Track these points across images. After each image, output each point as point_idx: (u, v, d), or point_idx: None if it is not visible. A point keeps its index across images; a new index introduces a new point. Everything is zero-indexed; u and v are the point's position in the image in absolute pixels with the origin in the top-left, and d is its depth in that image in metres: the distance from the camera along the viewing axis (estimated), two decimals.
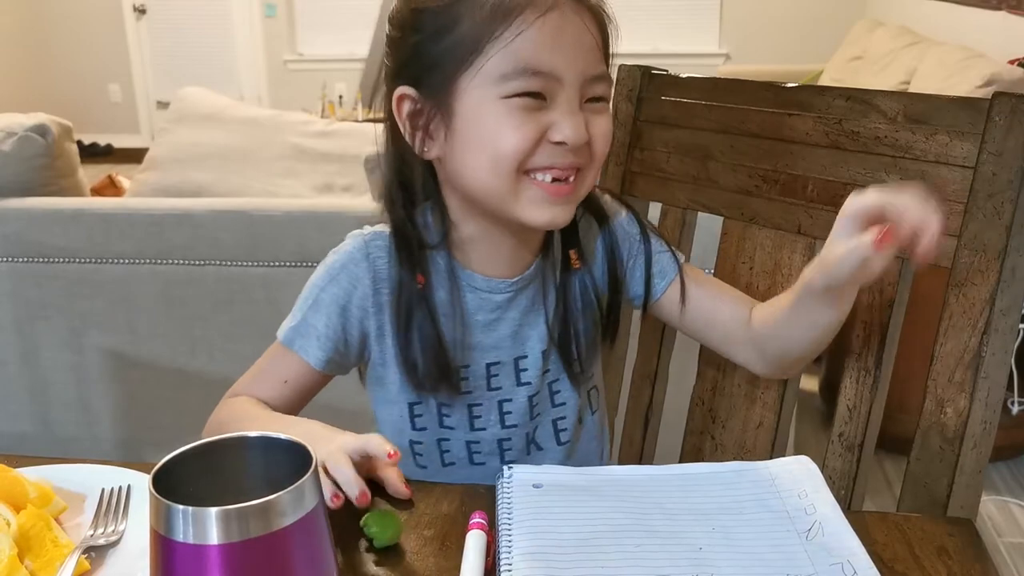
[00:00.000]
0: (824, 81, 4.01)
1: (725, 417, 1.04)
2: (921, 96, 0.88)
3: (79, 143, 2.29)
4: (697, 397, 1.07)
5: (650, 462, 1.12)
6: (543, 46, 0.76)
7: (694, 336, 0.98)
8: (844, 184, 0.92)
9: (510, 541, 0.68)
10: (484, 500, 0.77)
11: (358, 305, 0.87)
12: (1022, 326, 1.08)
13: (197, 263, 1.77)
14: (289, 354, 0.88)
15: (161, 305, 1.81)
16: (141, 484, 0.79)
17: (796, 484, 0.76)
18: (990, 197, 0.82)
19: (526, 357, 0.91)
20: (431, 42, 0.79)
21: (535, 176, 0.79)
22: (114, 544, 0.73)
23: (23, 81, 5.94)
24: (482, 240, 0.87)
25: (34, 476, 0.78)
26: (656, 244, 0.95)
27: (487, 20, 0.76)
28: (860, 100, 0.92)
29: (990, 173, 0.82)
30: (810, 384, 2.51)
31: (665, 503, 0.74)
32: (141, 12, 6.01)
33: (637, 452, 1.12)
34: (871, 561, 0.66)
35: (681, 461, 1.08)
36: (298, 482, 0.49)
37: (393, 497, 0.78)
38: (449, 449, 0.92)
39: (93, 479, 0.80)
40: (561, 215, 0.82)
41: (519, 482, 0.76)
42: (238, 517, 0.48)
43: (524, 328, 0.91)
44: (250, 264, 1.75)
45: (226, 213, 1.76)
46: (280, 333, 0.89)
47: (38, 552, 0.70)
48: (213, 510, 0.47)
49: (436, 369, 0.87)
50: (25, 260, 1.81)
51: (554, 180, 0.80)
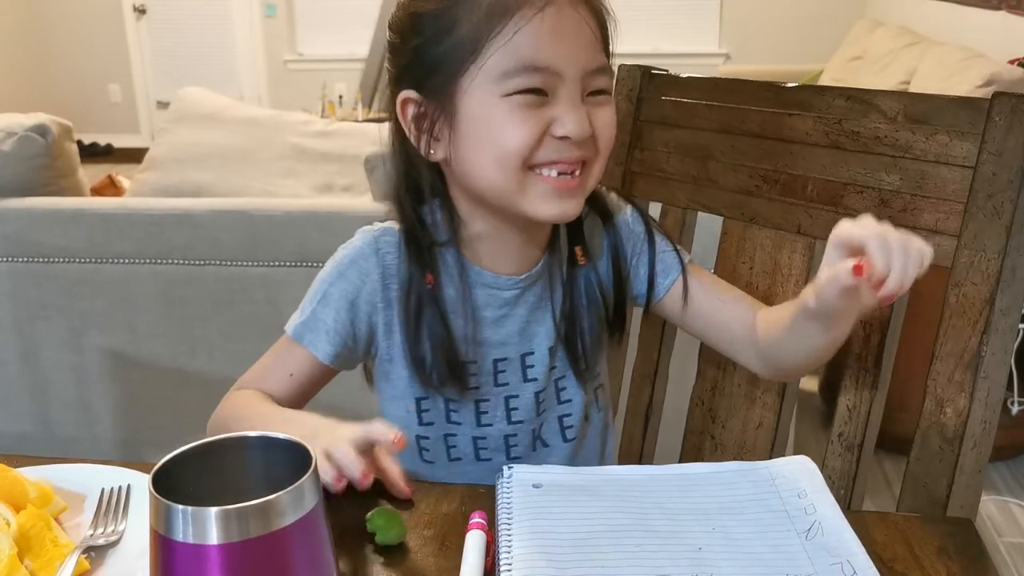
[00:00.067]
0: (824, 81, 4.01)
1: (725, 417, 1.04)
2: (921, 96, 0.88)
3: (79, 143, 2.29)
4: (697, 397, 1.07)
5: (650, 462, 1.12)
6: (542, 42, 0.76)
7: (696, 336, 0.98)
8: (844, 184, 0.92)
9: (510, 541, 0.68)
10: (484, 500, 0.77)
11: (366, 300, 0.87)
12: (1022, 326, 1.08)
13: (197, 263, 1.77)
14: (297, 348, 0.88)
15: (161, 305, 1.81)
16: (141, 484, 0.79)
17: (796, 484, 0.76)
18: (990, 197, 0.82)
19: (533, 354, 0.92)
20: (431, 45, 0.79)
21: (541, 171, 0.80)
22: (114, 544, 0.73)
23: (23, 81, 5.94)
24: (490, 237, 0.88)
25: (34, 476, 0.78)
26: (661, 242, 0.95)
27: (485, 19, 0.77)
28: (860, 100, 0.92)
29: (990, 173, 0.82)
30: (810, 384, 2.50)
31: (665, 503, 0.74)
32: (141, 12, 6.01)
33: (637, 452, 1.12)
34: (871, 561, 0.66)
35: (681, 461, 1.08)
36: (298, 482, 0.49)
37: (396, 498, 0.78)
38: (456, 445, 0.93)
39: (93, 479, 0.80)
40: (570, 208, 0.82)
41: (519, 482, 0.76)
42: (238, 517, 0.48)
43: (531, 325, 0.91)
44: (250, 264, 1.75)
45: (226, 213, 1.75)
46: (288, 327, 0.89)
47: (38, 552, 0.70)
48: (213, 510, 0.47)
49: (445, 365, 0.87)
50: (25, 260, 1.81)
51: (560, 174, 0.80)
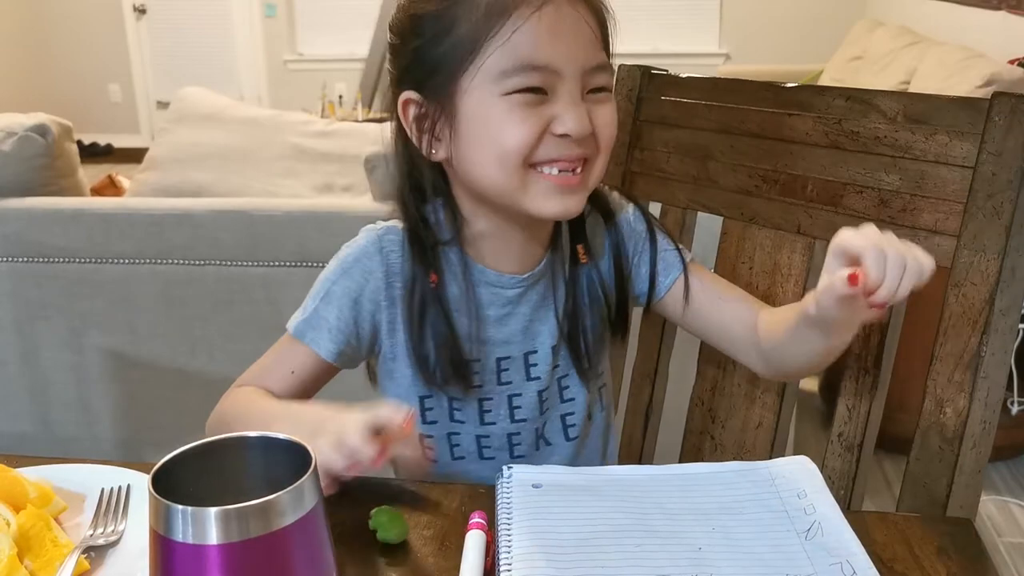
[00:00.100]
0: (824, 81, 4.01)
1: (725, 417, 1.04)
2: (921, 96, 0.88)
3: (79, 143, 2.29)
4: (697, 397, 1.07)
5: (650, 462, 1.12)
6: (540, 41, 0.77)
7: (697, 335, 0.98)
8: (844, 184, 0.92)
9: (510, 541, 0.68)
10: (484, 500, 0.77)
11: (370, 298, 0.88)
12: (1022, 326, 1.08)
13: (197, 263, 1.77)
14: (299, 346, 0.88)
15: (161, 305, 1.81)
16: (141, 484, 0.79)
17: (796, 484, 0.76)
18: (990, 197, 0.82)
19: (536, 352, 0.92)
20: (431, 46, 0.80)
21: (542, 169, 0.80)
22: (114, 544, 0.73)
23: (23, 81, 5.94)
24: (493, 236, 0.88)
25: (34, 476, 0.78)
26: (662, 241, 0.95)
27: (483, 20, 0.77)
28: (860, 100, 0.92)
29: (990, 173, 0.82)
30: (810, 384, 2.50)
31: (665, 503, 0.74)
32: (141, 12, 6.00)
33: (637, 452, 1.12)
34: (870, 561, 0.66)
35: (681, 461, 1.08)
36: (298, 482, 0.49)
37: (396, 498, 0.78)
38: (459, 443, 0.93)
39: (93, 479, 0.80)
40: (572, 205, 0.82)
41: (519, 482, 0.76)
42: (238, 517, 0.48)
43: (535, 323, 0.91)
44: (250, 264, 1.75)
45: (226, 213, 1.75)
46: (290, 325, 0.89)
47: (38, 552, 0.70)
48: (213, 510, 0.47)
49: (448, 364, 0.87)
50: (25, 260, 1.81)
51: (561, 172, 0.80)
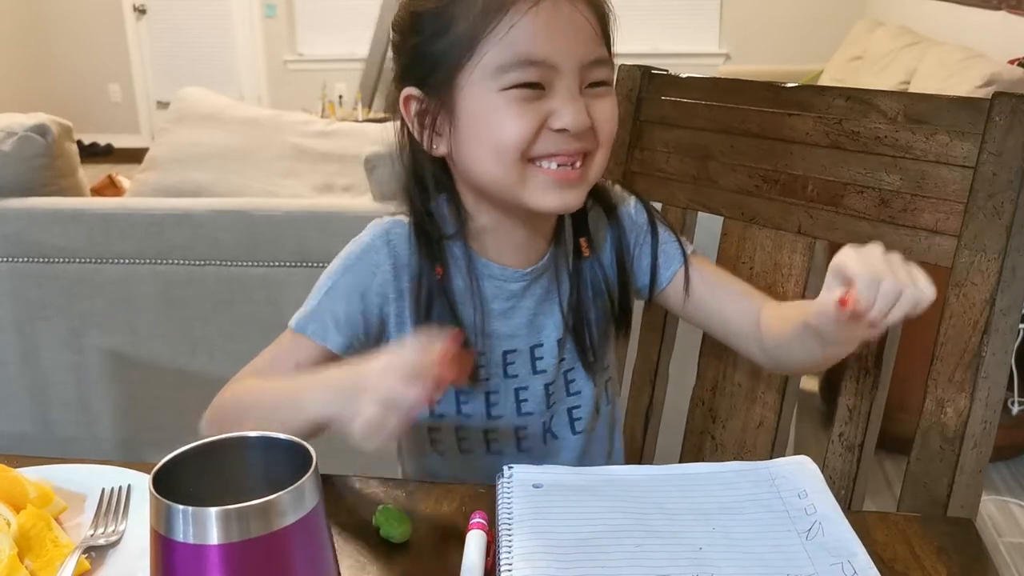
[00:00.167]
0: (824, 81, 4.01)
1: (725, 417, 1.04)
2: (921, 96, 0.88)
3: (79, 143, 2.29)
4: (697, 397, 1.07)
5: (650, 462, 1.12)
6: (537, 36, 0.77)
7: (699, 327, 0.98)
8: (844, 184, 0.92)
9: (510, 541, 0.68)
10: (484, 500, 0.77)
11: (377, 292, 0.88)
12: (1022, 326, 1.08)
13: (197, 263, 1.76)
14: (303, 339, 0.87)
15: (161, 305, 1.81)
16: (141, 484, 0.79)
17: (796, 484, 0.76)
18: (990, 197, 0.82)
19: (542, 345, 0.92)
20: (430, 43, 0.81)
21: (541, 164, 0.81)
22: (114, 544, 0.73)
23: (23, 81, 5.94)
24: (496, 230, 0.88)
25: (34, 476, 0.78)
26: (663, 233, 0.96)
27: (481, 16, 0.77)
28: (860, 100, 0.92)
29: (990, 173, 0.82)
30: (810, 384, 2.50)
31: (665, 503, 0.74)
32: (141, 12, 6.00)
33: (637, 452, 1.12)
34: (871, 561, 0.66)
35: (681, 461, 1.08)
36: (298, 482, 0.49)
37: (398, 499, 0.78)
38: (466, 437, 0.93)
39: (93, 479, 0.80)
40: (571, 199, 0.83)
41: (519, 482, 0.76)
42: (238, 517, 0.48)
43: (539, 317, 0.92)
44: (250, 264, 1.75)
45: (226, 213, 1.75)
46: (292, 321, 0.88)
47: (38, 552, 0.70)
48: (213, 510, 0.47)
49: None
50: (25, 260, 1.81)
51: (560, 166, 0.81)
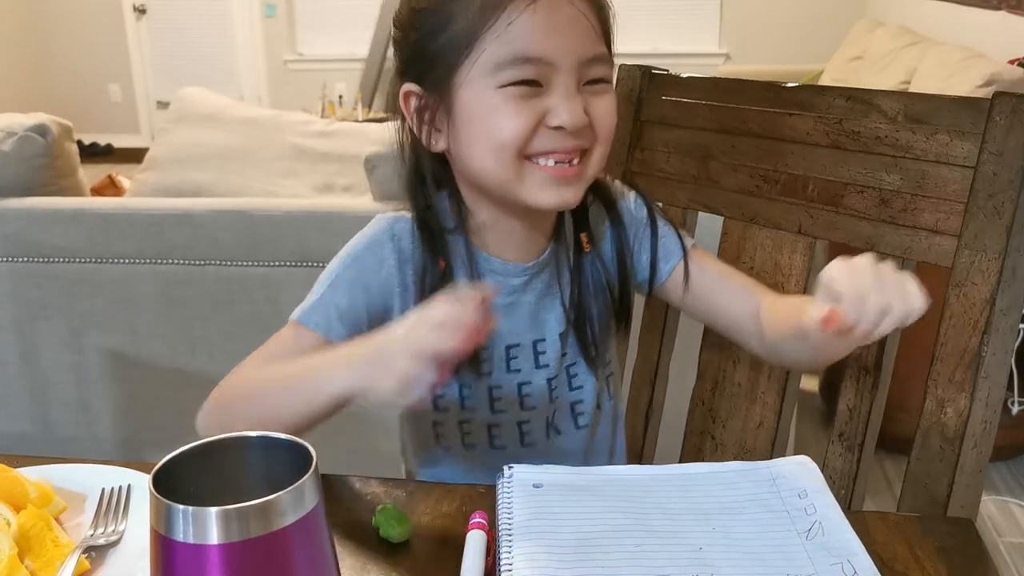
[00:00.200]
0: (824, 81, 4.01)
1: (725, 417, 1.04)
2: (921, 96, 0.88)
3: (79, 143, 2.29)
4: (697, 397, 1.07)
5: (650, 462, 1.12)
6: (534, 33, 0.77)
7: (699, 320, 0.99)
8: (844, 184, 0.92)
9: (510, 541, 0.68)
10: (484, 500, 0.77)
11: (383, 285, 0.87)
12: (1022, 326, 1.08)
13: (197, 263, 1.76)
14: (304, 332, 0.85)
15: (161, 305, 1.81)
16: (141, 484, 0.79)
17: (796, 484, 0.76)
18: (990, 197, 0.82)
19: (544, 340, 0.92)
20: (430, 39, 0.81)
21: (538, 161, 0.81)
22: (114, 544, 0.73)
23: (23, 81, 5.94)
24: (496, 225, 0.89)
25: (34, 476, 0.78)
26: (663, 227, 0.96)
27: (479, 13, 0.78)
28: (860, 100, 0.92)
29: (990, 173, 0.82)
30: (810, 384, 2.50)
31: (665, 503, 0.74)
32: (141, 12, 6.00)
33: (637, 452, 1.12)
34: (871, 561, 0.66)
35: (681, 461, 1.08)
36: (298, 482, 0.49)
37: (399, 499, 0.78)
38: (470, 431, 0.93)
39: (93, 479, 0.80)
40: (569, 196, 0.83)
41: (519, 482, 0.76)
42: (238, 517, 0.48)
43: (541, 312, 0.92)
44: (250, 264, 1.75)
45: (226, 213, 1.75)
46: (294, 314, 0.87)
47: (38, 552, 0.70)
48: (213, 510, 0.47)
49: None
50: (25, 260, 1.81)
51: (557, 163, 0.81)
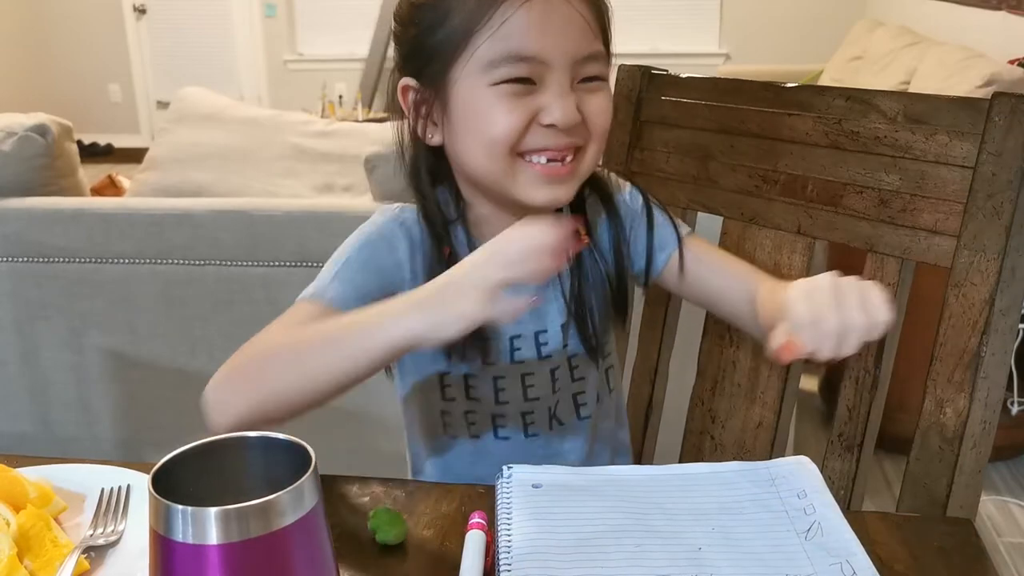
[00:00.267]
0: (824, 81, 4.01)
1: (725, 417, 1.04)
2: (921, 96, 0.88)
3: (79, 143, 2.29)
4: (697, 397, 1.07)
5: (650, 462, 1.12)
6: (529, 31, 0.78)
7: (698, 305, 0.99)
8: (844, 184, 0.92)
9: (509, 541, 0.68)
10: (484, 500, 0.77)
11: (395, 267, 0.87)
12: (1022, 326, 1.08)
13: (197, 263, 1.76)
14: (318, 308, 0.83)
15: (161, 305, 1.81)
16: (141, 484, 0.79)
17: (795, 484, 0.76)
18: (990, 197, 0.82)
19: (546, 331, 0.93)
20: (427, 35, 0.82)
21: (530, 158, 0.81)
22: (114, 544, 0.73)
23: (23, 81, 5.94)
24: (493, 219, 0.89)
25: (34, 476, 0.78)
26: (658, 216, 0.96)
27: (475, 10, 0.78)
28: (860, 100, 0.92)
29: (990, 173, 0.82)
30: (810, 384, 2.50)
31: (665, 503, 0.74)
32: (141, 12, 6.00)
33: (637, 452, 1.12)
34: (870, 561, 0.66)
35: (681, 461, 1.08)
36: (298, 482, 0.49)
37: (398, 499, 0.78)
38: (475, 422, 0.94)
39: (93, 479, 0.80)
40: (561, 194, 0.83)
41: (519, 482, 0.76)
42: (238, 517, 0.48)
43: (542, 303, 0.92)
44: (250, 264, 1.75)
45: (226, 213, 1.75)
46: (307, 292, 0.85)
47: (38, 552, 0.70)
48: (213, 510, 0.47)
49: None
50: (25, 260, 1.81)
51: (550, 161, 0.81)
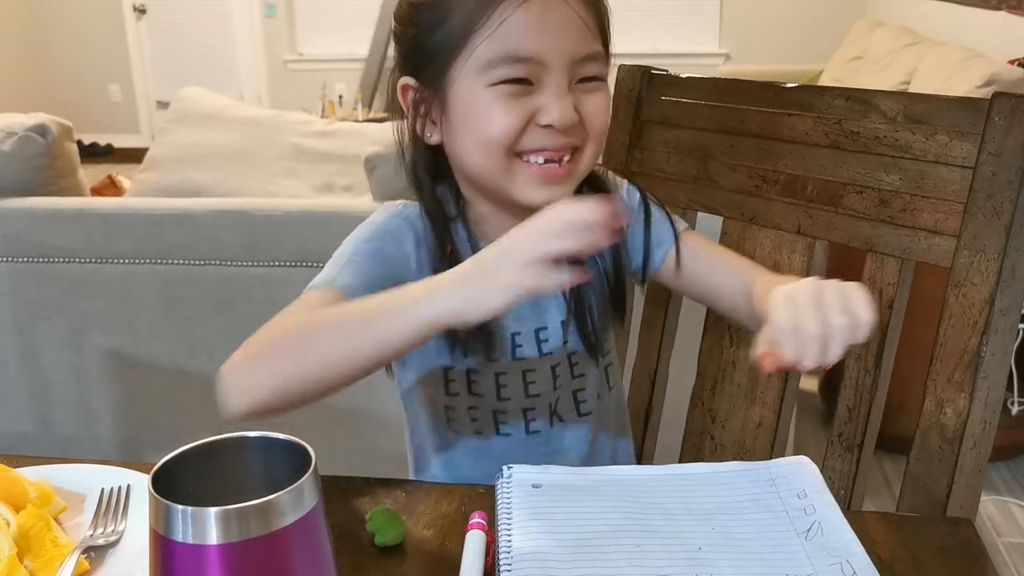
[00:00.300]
0: (824, 81, 4.01)
1: (725, 417, 1.04)
2: (921, 96, 0.88)
3: (79, 143, 2.29)
4: (697, 397, 1.07)
5: (650, 462, 1.12)
6: (526, 32, 0.78)
7: (696, 301, 0.99)
8: (844, 184, 0.92)
9: (509, 541, 0.68)
10: (484, 500, 0.77)
11: (403, 259, 0.87)
12: (1022, 326, 1.08)
13: (197, 263, 1.76)
14: (330, 295, 0.81)
15: (161, 305, 1.81)
16: (141, 484, 0.79)
17: (796, 484, 0.76)
18: (990, 197, 0.82)
19: (546, 328, 0.93)
20: (426, 35, 0.82)
21: (527, 159, 0.82)
22: (114, 544, 0.73)
23: (23, 81, 5.94)
24: (493, 217, 0.89)
25: (34, 476, 0.78)
26: (656, 213, 0.96)
27: (473, 10, 0.78)
28: (860, 100, 0.92)
29: (990, 173, 0.82)
30: (810, 384, 2.50)
31: (665, 503, 0.74)
32: (141, 12, 6.00)
33: (637, 452, 1.12)
34: (870, 561, 0.66)
35: (681, 461, 1.08)
36: (298, 482, 0.49)
37: (398, 499, 0.78)
38: (477, 418, 0.94)
39: (93, 479, 0.80)
40: (558, 194, 0.83)
41: (519, 482, 0.76)
42: (238, 517, 0.48)
43: (542, 300, 0.93)
44: (250, 264, 1.75)
45: (226, 213, 1.75)
46: (316, 280, 0.84)
47: (38, 552, 0.70)
48: (212, 510, 0.47)
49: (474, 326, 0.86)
50: (25, 260, 1.81)
51: (547, 161, 0.81)
